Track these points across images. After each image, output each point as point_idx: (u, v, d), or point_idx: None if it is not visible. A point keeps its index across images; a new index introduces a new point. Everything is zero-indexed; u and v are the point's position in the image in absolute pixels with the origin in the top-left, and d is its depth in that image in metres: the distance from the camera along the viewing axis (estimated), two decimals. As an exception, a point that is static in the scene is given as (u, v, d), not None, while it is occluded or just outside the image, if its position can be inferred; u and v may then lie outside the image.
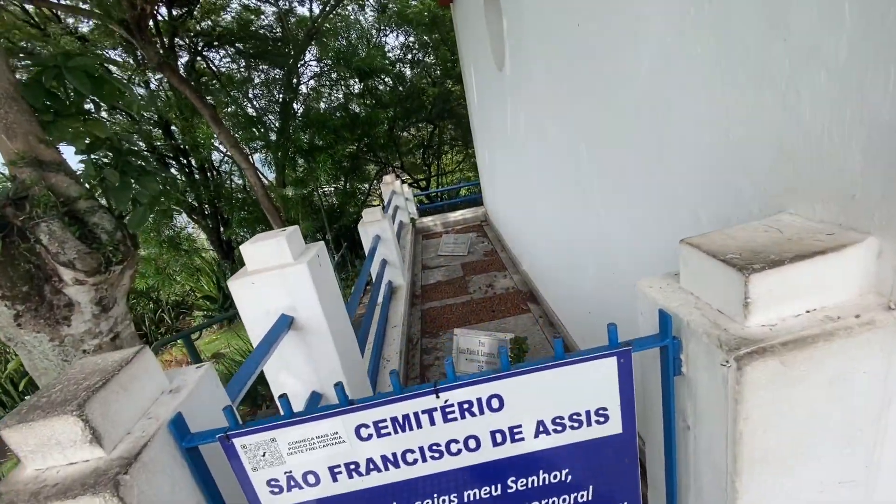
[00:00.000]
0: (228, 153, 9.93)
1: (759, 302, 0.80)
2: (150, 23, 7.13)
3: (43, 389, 0.87)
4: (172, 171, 10.67)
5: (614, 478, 0.99)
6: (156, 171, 2.49)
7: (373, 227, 4.73)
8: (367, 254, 4.40)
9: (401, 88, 12.57)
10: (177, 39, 8.95)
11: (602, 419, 0.92)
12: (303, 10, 11.37)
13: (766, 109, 1.01)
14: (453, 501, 0.97)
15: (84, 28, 8.76)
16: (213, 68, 10.76)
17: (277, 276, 1.86)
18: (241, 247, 1.88)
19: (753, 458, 0.83)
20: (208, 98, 9.00)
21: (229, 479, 0.96)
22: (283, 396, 0.87)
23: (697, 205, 1.39)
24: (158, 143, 10.34)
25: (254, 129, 10.55)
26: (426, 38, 12.02)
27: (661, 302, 0.95)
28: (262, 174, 10.39)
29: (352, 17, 11.77)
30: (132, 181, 2.37)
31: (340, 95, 12.48)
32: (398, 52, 12.64)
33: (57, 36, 7.83)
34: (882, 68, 0.72)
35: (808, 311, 0.81)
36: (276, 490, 0.93)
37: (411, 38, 12.27)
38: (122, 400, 0.87)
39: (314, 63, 11.97)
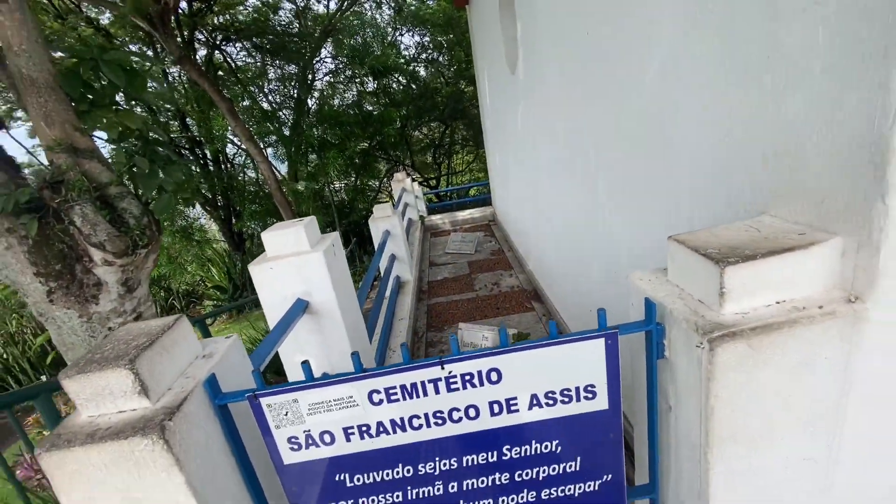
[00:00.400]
0: (243, 146, 10.14)
1: (734, 292, 0.89)
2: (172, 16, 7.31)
3: (95, 348, 0.99)
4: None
5: (600, 451, 1.09)
6: (179, 160, 2.62)
7: (383, 222, 4.85)
8: (376, 248, 4.52)
9: (414, 87, 12.70)
10: (196, 33, 9.15)
11: (590, 395, 1.02)
12: (319, 8, 11.54)
13: (761, 113, 1.08)
14: (453, 465, 1.07)
15: (104, 20, 8.97)
16: (230, 63, 10.97)
17: (294, 263, 1.97)
18: (262, 234, 2.00)
19: (723, 435, 0.93)
20: (224, 92, 9.18)
21: (254, 436, 1.08)
22: (306, 362, 0.98)
23: (695, 205, 1.47)
24: (174, 135, 10.57)
25: (268, 124, 10.75)
26: (441, 38, 12.14)
27: (649, 292, 1.05)
28: (275, 168, 10.56)
29: (368, 16, 11.92)
30: (159, 170, 2.50)
31: (354, 93, 12.65)
32: (413, 51, 12.79)
33: (76, 26, 8.02)
34: (848, 88, 0.81)
35: (777, 303, 0.91)
36: (296, 447, 1.04)
37: (426, 38, 12.39)
38: (164, 360, 0.99)
39: (329, 60, 12.15)
